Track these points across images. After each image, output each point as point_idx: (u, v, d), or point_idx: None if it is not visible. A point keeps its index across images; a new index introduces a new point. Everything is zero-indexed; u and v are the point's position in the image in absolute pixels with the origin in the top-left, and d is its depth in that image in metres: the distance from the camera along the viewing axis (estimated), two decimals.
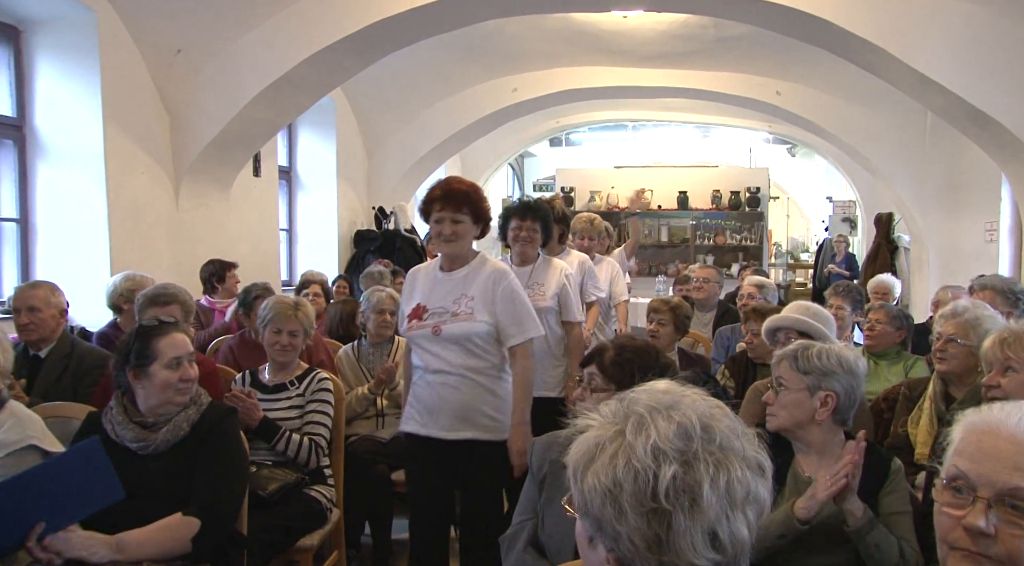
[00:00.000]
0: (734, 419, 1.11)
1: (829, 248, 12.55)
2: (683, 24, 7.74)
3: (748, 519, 1.05)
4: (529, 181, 17.27)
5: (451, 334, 3.08)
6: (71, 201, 5.41)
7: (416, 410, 3.19)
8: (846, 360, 2.29)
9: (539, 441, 2.38)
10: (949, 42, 5.55)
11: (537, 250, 4.12)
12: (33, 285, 3.85)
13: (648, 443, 1.04)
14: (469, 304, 3.09)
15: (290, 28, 5.88)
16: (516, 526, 2.27)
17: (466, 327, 3.08)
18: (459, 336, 3.08)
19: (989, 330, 2.95)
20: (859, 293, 4.99)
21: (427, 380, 3.14)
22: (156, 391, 2.50)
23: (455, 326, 3.08)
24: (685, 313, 4.59)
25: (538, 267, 4.09)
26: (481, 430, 3.11)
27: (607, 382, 2.25)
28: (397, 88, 8.95)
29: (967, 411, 1.35)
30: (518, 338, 3.10)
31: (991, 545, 1.21)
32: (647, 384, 1.17)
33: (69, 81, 5.36)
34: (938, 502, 1.30)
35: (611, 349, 2.31)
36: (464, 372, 3.08)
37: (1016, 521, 1.20)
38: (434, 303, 3.15)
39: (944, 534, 1.27)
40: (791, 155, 17.18)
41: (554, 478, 2.24)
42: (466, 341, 3.08)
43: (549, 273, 4.07)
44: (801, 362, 2.27)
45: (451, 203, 3.08)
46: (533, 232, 4.03)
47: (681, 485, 1.02)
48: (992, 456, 1.23)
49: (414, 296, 3.22)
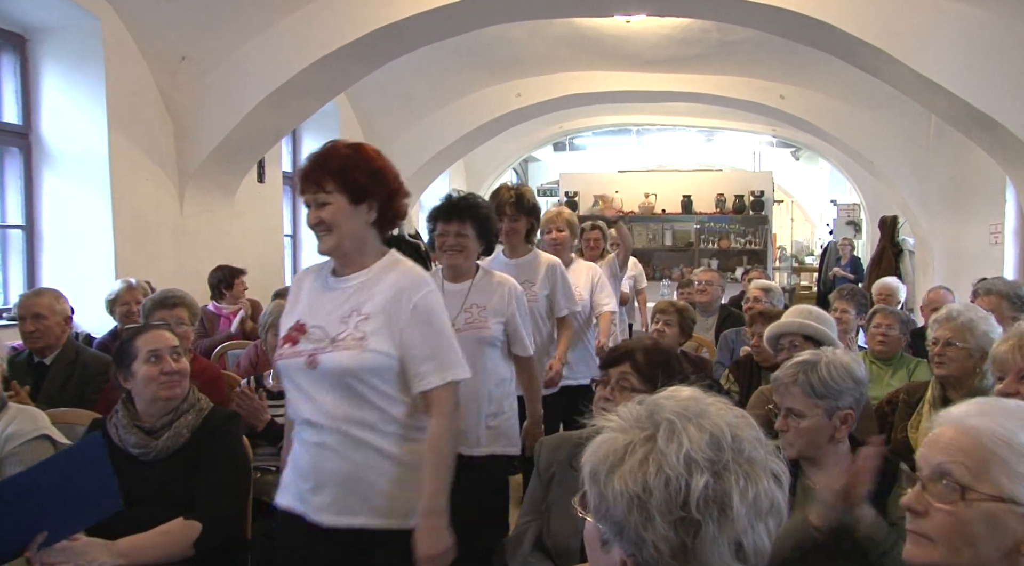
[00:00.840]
0: (757, 429, 1.12)
1: (833, 251, 12.54)
2: (686, 28, 7.75)
3: (770, 529, 1.06)
4: (533, 186, 17.27)
5: (329, 369, 2.11)
6: (76, 208, 5.43)
7: (291, 476, 2.23)
8: (853, 372, 2.23)
9: (547, 441, 2.37)
10: (953, 45, 5.54)
11: (472, 261, 3.23)
12: (37, 292, 3.86)
13: (681, 451, 1.04)
14: (361, 326, 2.14)
15: (294, 35, 5.90)
16: (520, 527, 2.25)
17: (352, 358, 2.10)
18: (340, 372, 2.10)
19: (986, 332, 2.95)
20: (864, 296, 4.98)
21: (301, 436, 2.17)
22: (141, 388, 2.50)
23: (336, 356, 2.11)
24: (691, 316, 4.62)
25: (478, 284, 3.22)
26: (374, 515, 2.11)
27: (643, 382, 2.21)
28: (401, 94, 8.97)
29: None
30: (433, 380, 2.12)
31: (926, 523, 1.29)
32: (669, 389, 1.16)
33: (74, 89, 5.38)
34: None
35: (640, 350, 2.29)
36: (346, 426, 2.10)
37: (945, 495, 1.27)
38: (315, 321, 2.20)
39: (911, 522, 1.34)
40: (795, 159, 17.16)
41: (562, 479, 2.23)
42: (352, 379, 2.10)
43: (494, 292, 3.19)
44: (816, 386, 2.17)
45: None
46: (462, 238, 3.12)
47: (712, 495, 1.02)
48: (936, 443, 1.31)
49: (295, 309, 2.28)
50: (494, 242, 3.36)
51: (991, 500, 1.24)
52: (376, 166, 2.21)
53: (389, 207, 2.23)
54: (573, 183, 13.76)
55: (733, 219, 13.29)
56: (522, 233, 3.89)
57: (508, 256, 3.92)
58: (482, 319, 3.14)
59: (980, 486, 1.24)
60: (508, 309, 3.18)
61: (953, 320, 3.02)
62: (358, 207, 2.16)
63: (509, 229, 3.80)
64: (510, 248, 3.93)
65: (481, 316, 3.15)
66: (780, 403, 2.23)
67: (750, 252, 13.14)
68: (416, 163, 9.74)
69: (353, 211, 2.15)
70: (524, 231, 3.89)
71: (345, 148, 2.21)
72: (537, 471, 2.31)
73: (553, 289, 3.89)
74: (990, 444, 1.26)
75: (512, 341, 3.22)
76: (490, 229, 3.23)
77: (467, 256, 3.17)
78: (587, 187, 13.61)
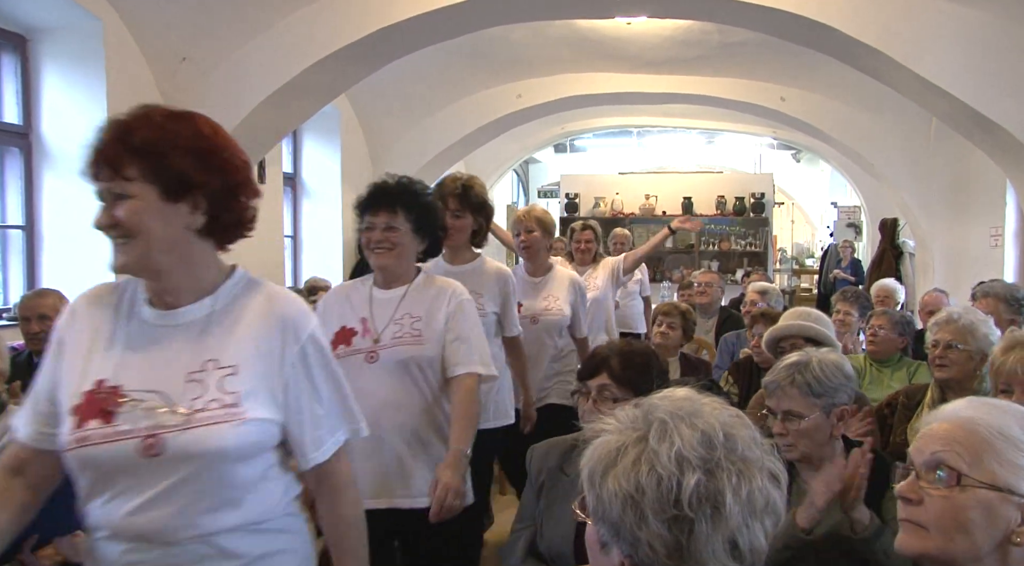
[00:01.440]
0: (753, 428, 1.12)
1: (834, 253, 12.54)
2: (687, 30, 7.75)
3: (766, 528, 1.07)
4: (534, 187, 17.30)
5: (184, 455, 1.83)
6: (77, 208, 5.41)
7: None
8: (844, 368, 2.26)
9: (537, 448, 2.35)
10: (953, 47, 5.54)
11: (407, 261, 2.65)
12: (41, 293, 3.86)
13: (672, 450, 1.05)
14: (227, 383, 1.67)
15: (294, 35, 5.90)
16: (514, 535, 2.25)
17: None
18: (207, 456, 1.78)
19: (986, 335, 2.94)
20: (866, 299, 5.00)
21: None
22: None
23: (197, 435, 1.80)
24: (693, 319, 4.64)
25: (413, 292, 2.65)
26: None
27: (623, 390, 2.18)
28: (401, 95, 8.97)
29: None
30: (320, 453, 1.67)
31: (920, 512, 1.30)
32: (665, 391, 1.17)
33: (75, 89, 5.38)
34: None
35: (615, 356, 2.24)
36: None
37: (940, 482, 1.29)
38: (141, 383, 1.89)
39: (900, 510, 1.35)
40: (796, 160, 17.17)
41: (553, 484, 2.23)
42: None
43: (433, 307, 2.63)
44: (813, 385, 2.18)
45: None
46: (392, 232, 2.57)
47: (704, 493, 1.03)
48: (930, 435, 1.34)
49: (84, 365, 1.95)
50: (440, 240, 2.79)
51: (986, 488, 1.25)
52: (207, 145, 1.52)
53: (226, 208, 1.55)
54: (574, 185, 13.77)
55: (734, 221, 13.31)
56: (466, 233, 3.32)
57: (448, 261, 3.32)
58: (414, 334, 2.55)
59: (976, 473, 1.26)
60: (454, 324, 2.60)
61: (954, 322, 3.01)
62: (175, 205, 1.50)
63: (451, 227, 3.16)
64: (451, 252, 3.31)
65: (414, 330, 2.56)
66: (776, 407, 2.22)
67: (751, 254, 13.14)
68: (416, 164, 9.73)
69: (166, 210, 1.49)
70: (469, 231, 3.33)
71: (161, 116, 1.55)
72: (529, 479, 2.30)
73: (504, 306, 3.34)
74: (985, 434, 1.28)
75: (447, 362, 2.58)
76: (432, 222, 2.67)
77: (400, 255, 2.60)
78: (588, 189, 13.62)
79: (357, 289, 2.72)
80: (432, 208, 2.68)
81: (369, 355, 2.56)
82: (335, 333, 2.57)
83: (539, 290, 4.02)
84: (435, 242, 2.73)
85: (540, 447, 2.35)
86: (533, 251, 4.05)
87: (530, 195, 17.08)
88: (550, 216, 4.18)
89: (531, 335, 3.80)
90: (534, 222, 4.04)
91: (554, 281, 4.04)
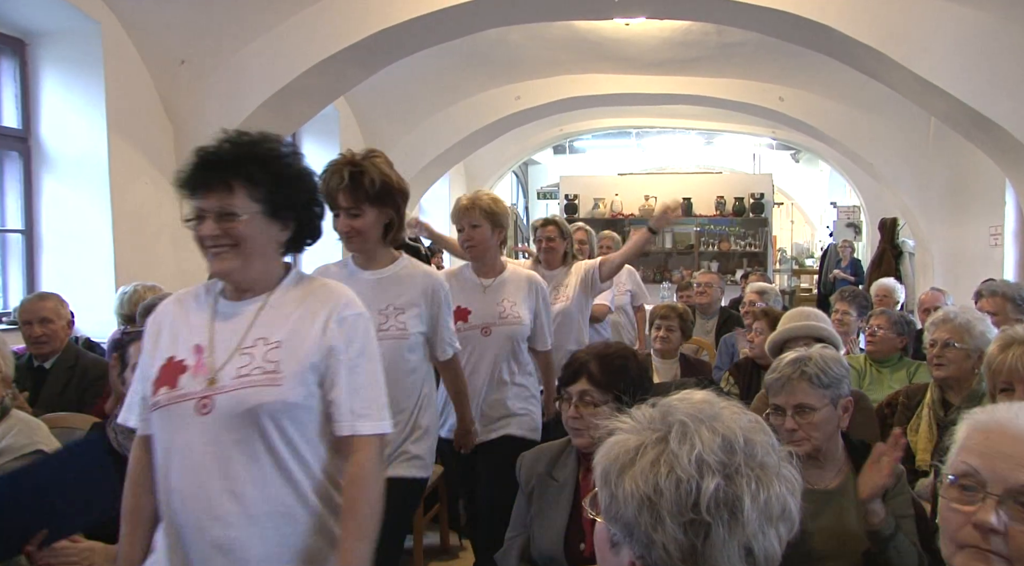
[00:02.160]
0: (770, 434, 1.12)
1: (833, 253, 12.54)
2: (686, 31, 7.75)
3: (780, 535, 1.06)
4: (533, 189, 17.28)
5: None
6: (76, 212, 5.42)
7: None
8: (841, 360, 2.30)
9: (527, 455, 2.35)
10: (952, 47, 5.54)
11: (263, 263, 1.84)
12: (42, 297, 3.86)
13: (692, 453, 1.04)
14: None
15: (293, 38, 5.90)
16: (508, 542, 2.26)
17: None
18: None
19: (983, 333, 2.95)
20: (865, 298, 4.99)
21: None
22: None
23: None
24: (690, 318, 4.64)
25: (274, 304, 1.84)
26: None
27: (604, 394, 2.19)
28: (400, 97, 8.97)
29: (972, 409, 1.35)
30: None
31: (1001, 542, 1.20)
32: (682, 393, 1.16)
33: (74, 92, 5.38)
34: (945, 499, 1.29)
35: (593, 360, 2.24)
36: None
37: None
38: None
39: (952, 532, 1.27)
40: (795, 161, 17.17)
41: (543, 490, 2.24)
42: None
43: (301, 326, 1.82)
44: (821, 377, 2.20)
45: None
46: (230, 222, 1.77)
47: (723, 498, 1.02)
48: (1002, 453, 1.23)
49: None
50: (314, 221, 1.90)
51: None
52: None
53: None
54: (573, 186, 13.78)
55: (733, 221, 13.32)
56: (375, 231, 2.60)
57: (361, 265, 2.71)
58: (267, 371, 1.75)
59: None
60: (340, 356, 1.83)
61: (951, 321, 3.02)
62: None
63: (349, 230, 2.58)
64: (364, 256, 2.68)
65: (267, 362, 1.75)
66: (787, 402, 2.23)
67: (750, 254, 13.15)
68: (416, 166, 9.73)
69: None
70: (378, 228, 2.60)
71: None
72: (520, 487, 2.30)
73: (434, 324, 2.72)
74: None
75: (335, 419, 1.81)
76: (294, 196, 1.83)
77: (247, 254, 1.78)
78: (587, 190, 13.63)
79: (200, 300, 1.89)
80: (292, 174, 1.84)
81: (201, 403, 1.73)
82: (158, 368, 1.79)
83: (491, 294, 3.39)
84: (307, 226, 1.87)
85: (529, 454, 2.36)
86: (480, 251, 3.37)
87: (529, 196, 17.08)
88: (502, 205, 3.42)
89: (481, 348, 3.28)
90: (480, 216, 3.31)
91: (509, 283, 3.41)
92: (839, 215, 13.95)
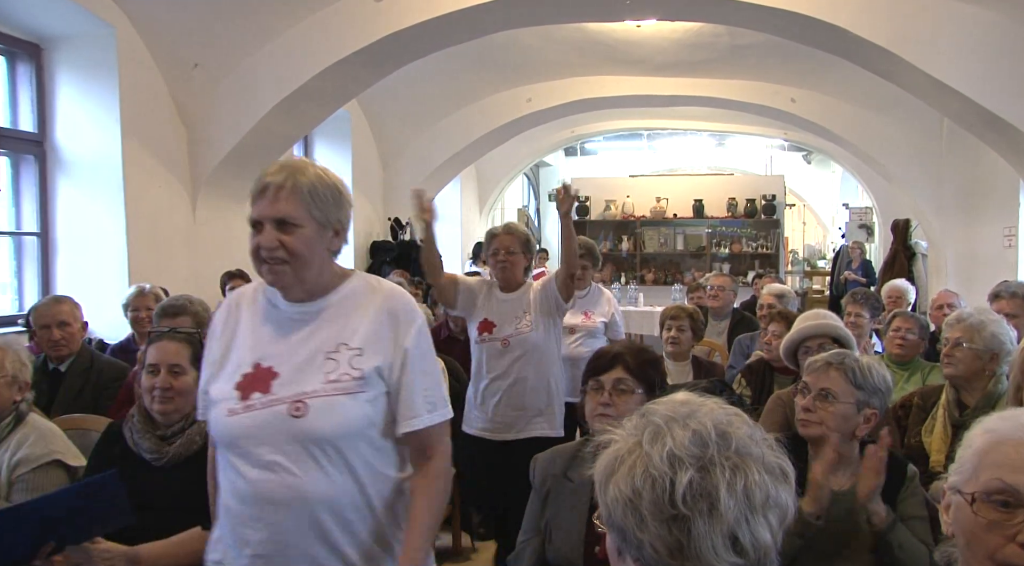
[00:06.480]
0: (753, 426, 1.12)
1: (845, 255, 12.48)
2: (697, 33, 7.75)
3: (770, 524, 1.05)
4: (544, 191, 17.28)
5: None
6: (90, 215, 5.47)
7: None
8: (887, 379, 2.29)
9: (541, 457, 2.33)
10: (964, 47, 5.53)
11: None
12: (57, 300, 3.88)
13: (664, 451, 1.05)
14: None
15: (305, 41, 5.94)
16: (521, 545, 2.23)
17: None
18: None
19: (995, 334, 2.96)
20: (877, 300, 4.96)
21: None
22: (143, 395, 2.50)
23: None
24: (701, 319, 4.60)
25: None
26: None
27: (638, 383, 2.23)
28: (412, 99, 9.00)
29: (987, 419, 1.33)
30: None
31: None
32: (667, 396, 1.18)
33: (88, 96, 5.43)
34: (980, 519, 1.26)
35: (628, 352, 2.28)
36: None
37: None
38: None
39: (992, 551, 1.24)
40: (807, 162, 17.12)
41: (558, 492, 2.21)
42: None
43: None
44: (857, 375, 2.22)
45: None
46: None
47: (698, 490, 1.02)
48: None
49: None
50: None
51: None
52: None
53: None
54: (584, 188, 13.75)
55: (745, 223, 13.28)
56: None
57: None
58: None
59: None
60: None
61: (963, 321, 3.05)
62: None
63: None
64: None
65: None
66: (814, 383, 2.26)
67: (762, 256, 13.12)
68: (427, 168, 9.76)
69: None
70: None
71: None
72: (534, 488, 2.29)
73: None
74: None
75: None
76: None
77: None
78: (598, 191, 13.62)
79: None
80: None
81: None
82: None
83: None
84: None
85: (544, 455, 2.33)
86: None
87: (540, 198, 17.08)
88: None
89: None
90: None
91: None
92: (851, 216, 13.89)
